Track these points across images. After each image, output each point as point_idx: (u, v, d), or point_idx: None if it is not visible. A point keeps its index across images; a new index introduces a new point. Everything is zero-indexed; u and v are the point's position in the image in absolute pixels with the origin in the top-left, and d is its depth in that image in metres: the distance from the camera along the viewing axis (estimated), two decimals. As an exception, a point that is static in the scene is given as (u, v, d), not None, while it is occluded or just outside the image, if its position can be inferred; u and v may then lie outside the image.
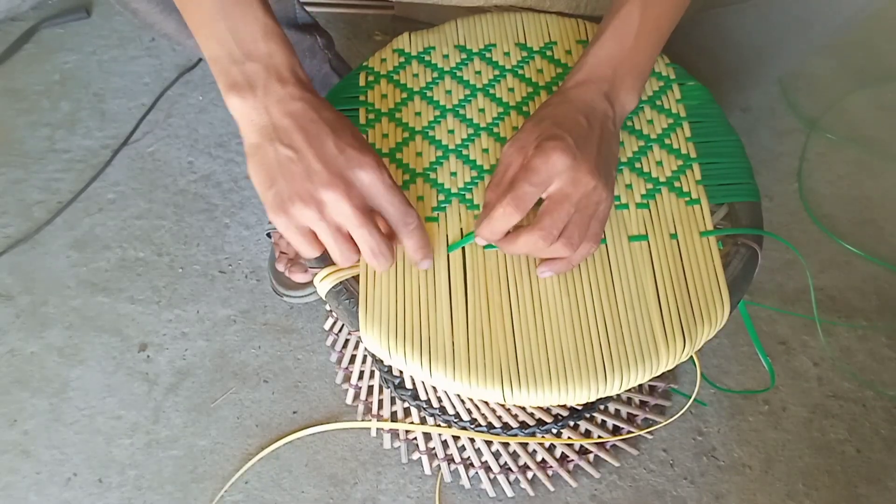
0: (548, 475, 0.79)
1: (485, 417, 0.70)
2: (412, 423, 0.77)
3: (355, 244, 0.48)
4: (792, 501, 0.81)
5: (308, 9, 0.74)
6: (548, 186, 0.49)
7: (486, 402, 0.69)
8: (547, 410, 0.71)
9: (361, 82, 0.62)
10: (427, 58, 0.63)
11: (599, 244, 0.52)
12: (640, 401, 0.82)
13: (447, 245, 0.54)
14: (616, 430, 0.80)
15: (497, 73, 0.62)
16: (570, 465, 0.79)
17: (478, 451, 0.79)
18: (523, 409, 0.71)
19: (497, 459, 0.78)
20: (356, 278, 0.53)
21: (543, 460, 0.78)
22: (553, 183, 0.49)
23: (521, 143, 0.52)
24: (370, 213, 0.47)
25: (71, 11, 1.11)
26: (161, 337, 0.90)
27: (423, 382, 0.70)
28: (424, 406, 0.72)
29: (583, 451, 0.80)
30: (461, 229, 0.55)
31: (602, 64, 0.53)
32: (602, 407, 0.78)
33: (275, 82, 0.46)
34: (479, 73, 0.62)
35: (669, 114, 0.60)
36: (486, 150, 0.58)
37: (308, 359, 0.88)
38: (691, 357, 0.53)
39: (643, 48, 0.53)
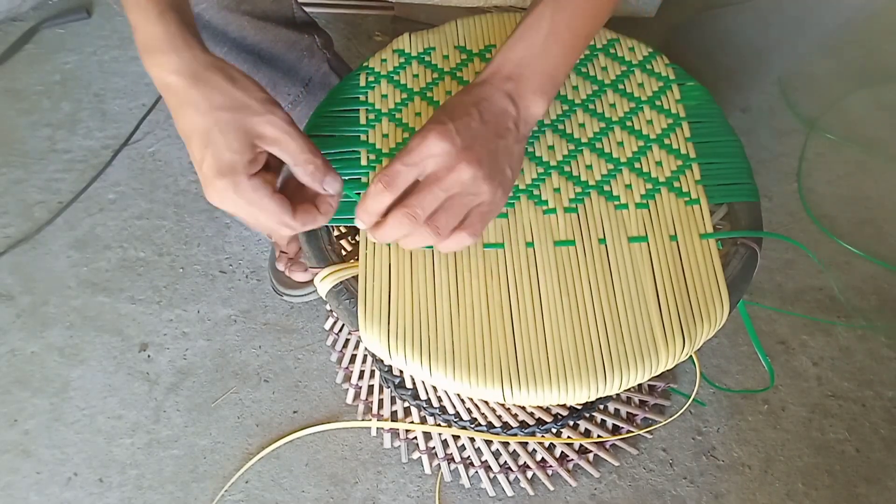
0: (547, 474, 0.79)
1: (485, 417, 0.71)
2: (412, 422, 0.77)
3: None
4: (791, 501, 0.81)
5: (309, 9, 0.74)
6: (423, 169, 0.48)
7: (486, 402, 0.70)
8: (547, 410, 0.72)
9: (362, 83, 0.62)
10: (427, 58, 0.63)
11: (477, 239, 0.50)
12: (640, 400, 0.82)
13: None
14: (616, 430, 0.80)
15: (497, 73, 0.62)
16: (570, 465, 0.79)
17: (478, 451, 0.79)
18: (523, 408, 0.71)
19: (497, 459, 0.78)
20: (356, 278, 0.53)
21: (543, 459, 0.78)
22: (428, 166, 0.48)
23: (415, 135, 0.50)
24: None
25: (71, 12, 1.11)
26: (162, 337, 0.90)
27: (423, 382, 0.70)
28: (424, 405, 0.72)
29: (582, 451, 0.80)
30: None
31: (508, 63, 0.52)
32: (602, 406, 0.78)
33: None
34: (478, 73, 0.62)
35: (669, 114, 0.60)
36: (485, 151, 0.58)
37: (308, 358, 0.89)
38: (691, 357, 0.54)
39: (552, 52, 0.52)
